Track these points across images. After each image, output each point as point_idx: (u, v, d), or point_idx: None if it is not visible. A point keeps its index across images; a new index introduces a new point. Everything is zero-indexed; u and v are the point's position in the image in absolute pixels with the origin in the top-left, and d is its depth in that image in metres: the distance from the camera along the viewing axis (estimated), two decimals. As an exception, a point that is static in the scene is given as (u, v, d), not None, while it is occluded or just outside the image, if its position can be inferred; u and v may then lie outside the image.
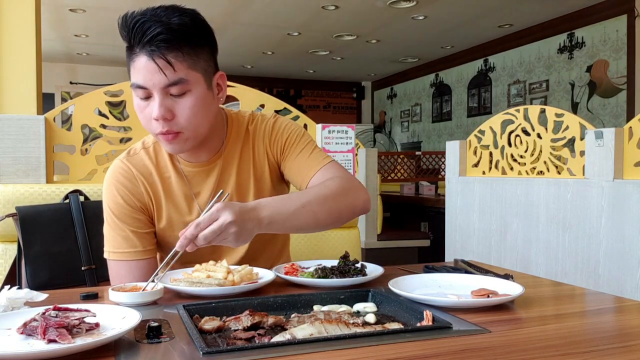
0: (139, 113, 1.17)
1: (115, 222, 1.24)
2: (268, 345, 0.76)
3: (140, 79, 1.12)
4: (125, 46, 1.15)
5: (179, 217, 1.27)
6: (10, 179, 1.78)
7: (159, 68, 1.09)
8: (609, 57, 5.08)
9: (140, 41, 1.09)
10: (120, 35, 1.13)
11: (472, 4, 5.13)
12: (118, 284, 1.20)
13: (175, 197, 1.27)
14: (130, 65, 1.14)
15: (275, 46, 6.92)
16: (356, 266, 1.18)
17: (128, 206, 1.24)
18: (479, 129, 2.63)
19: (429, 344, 0.77)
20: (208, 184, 1.28)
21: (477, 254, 2.58)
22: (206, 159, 1.28)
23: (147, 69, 1.10)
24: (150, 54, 1.09)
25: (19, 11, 2.29)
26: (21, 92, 2.30)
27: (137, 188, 1.25)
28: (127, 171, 1.26)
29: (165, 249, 1.30)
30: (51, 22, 5.70)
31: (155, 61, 1.09)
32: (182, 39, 1.11)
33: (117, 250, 1.23)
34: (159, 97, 1.12)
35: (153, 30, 1.08)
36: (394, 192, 5.12)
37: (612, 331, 0.88)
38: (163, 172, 1.28)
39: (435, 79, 7.87)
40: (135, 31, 1.09)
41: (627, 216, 1.86)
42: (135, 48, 1.11)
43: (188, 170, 1.28)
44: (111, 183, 1.26)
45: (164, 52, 1.09)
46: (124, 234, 1.23)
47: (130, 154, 1.30)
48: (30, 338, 0.77)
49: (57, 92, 7.74)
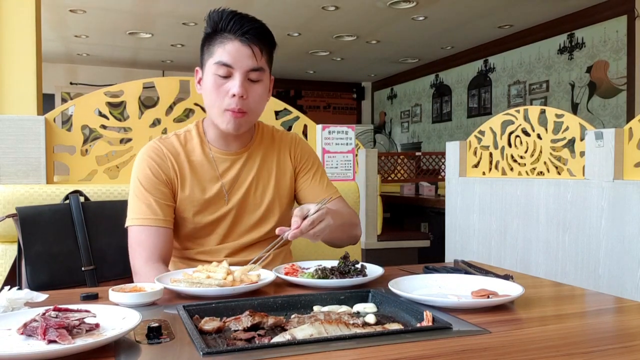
0: (214, 90, 1.32)
1: (142, 191, 1.36)
2: (268, 346, 0.76)
3: (230, 59, 1.29)
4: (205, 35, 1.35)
5: (200, 194, 1.40)
6: (11, 180, 1.78)
7: (252, 53, 1.30)
8: (609, 58, 5.08)
9: (238, 30, 1.29)
10: (208, 22, 1.33)
11: (472, 4, 5.13)
12: (137, 247, 1.33)
13: (200, 176, 1.41)
14: (217, 47, 1.31)
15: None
16: (356, 267, 1.18)
17: (155, 178, 1.37)
18: (479, 129, 2.63)
19: (429, 344, 0.77)
20: (232, 170, 1.42)
21: (477, 254, 2.58)
22: (235, 150, 1.43)
23: (239, 51, 1.29)
24: (246, 41, 1.29)
25: (19, 11, 2.29)
26: (21, 92, 2.30)
27: (165, 163, 1.39)
28: (158, 149, 1.40)
29: (182, 225, 1.41)
30: (51, 23, 5.70)
31: (250, 47, 1.29)
32: (269, 38, 1.35)
33: (140, 216, 1.34)
34: (241, 77, 1.30)
35: (251, 25, 1.30)
36: (394, 193, 5.12)
37: (612, 332, 0.88)
38: (190, 155, 1.42)
39: (435, 80, 7.87)
40: (234, 21, 1.29)
41: (627, 216, 1.86)
42: (229, 34, 1.30)
43: (217, 156, 1.42)
44: (143, 159, 1.40)
45: (257, 42, 1.31)
46: (147, 202, 1.34)
47: (163, 138, 1.45)
48: (30, 338, 0.77)
49: (57, 93, 7.75)
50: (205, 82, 1.36)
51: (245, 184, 1.43)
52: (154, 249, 1.31)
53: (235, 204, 1.41)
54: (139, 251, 1.31)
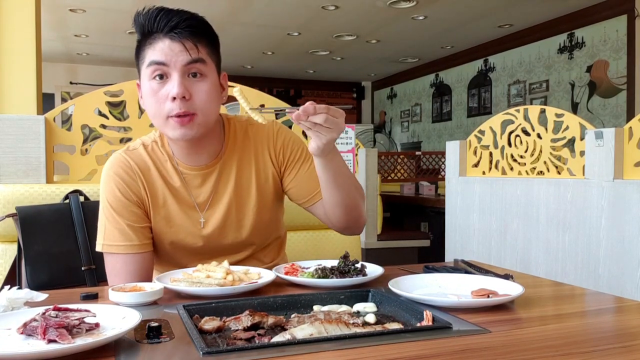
0: (151, 96, 1.18)
1: (112, 215, 1.24)
2: (268, 346, 0.76)
3: (161, 57, 1.15)
4: (136, 42, 1.21)
5: (176, 215, 1.27)
6: (10, 179, 1.78)
7: (184, 47, 1.15)
8: (609, 57, 5.08)
9: (164, 27, 1.15)
10: (135, 27, 1.18)
11: (472, 4, 5.13)
12: (113, 277, 1.23)
13: (173, 195, 1.27)
14: (147, 50, 1.17)
15: (275, 46, 6.92)
16: (356, 266, 1.18)
17: (125, 199, 1.24)
18: (479, 129, 2.63)
19: (429, 344, 0.77)
20: (206, 187, 1.29)
21: (477, 254, 2.58)
22: (205, 163, 1.28)
23: (170, 48, 1.15)
24: (176, 35, 1.15)
25: (19, 11, 2.29)
26: (21, 92, 2.30)
27: (135, 182, 1.25)
28: (126, 164, 1.26)
29: (159, 247, 1.30)
30: (51, 22, 5.69)
31: (181, 41, 1.15)
32: (204, 29, 1.20)
33: (113, 243, 1.23)
34: (179, 75, 1.15)
35: (179, 17, 1.15)
36: (394, 192, 5.11)
37: (612, 331, 0.88)
38: (162, 170, 1.28)
39: (435, 79, 7.87)
40: (160, 18, 1.15)
41: (627, 216, 1.86)
42: (157, 34, 1.16)
43: (187, 172, 1.28)
44: (109, 176, 1.26)
45: (190, 35, 1.16)
46: (120, 227, 1.23)
47: (130, 149, 1.30)
48: (30, 338, 0.77)
49: (57, 92, 7.75)
50: (143, 93, 1.21)
51: (222, 203, 1.28)
52: (132, 278, 1.21)
53: (214, 228, 1.28)
54: (117, 281, 1.22)
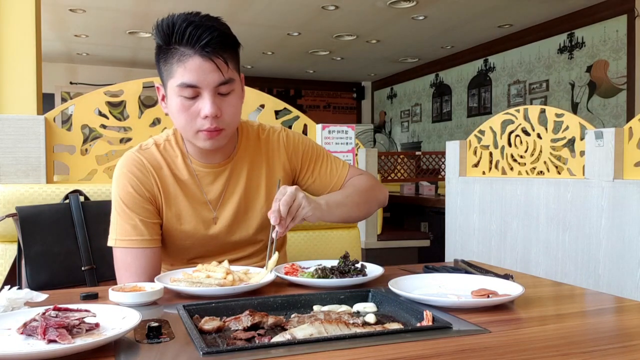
0: (181, 112, 1.20)
1: (124, 210, 1.26)
2: (268, 346, 0.76)
3: (194, 79, 1.16)
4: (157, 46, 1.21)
5: (187, 211, 1.31)
6: (10, 179, 1.78)
7: (217, 67, 1.16)
8: (609, 57, 5.08)
9: (196, 44, 1.14)
10: (159, 36, 1.18)
11: (472, 4, 5.13)
12: (124, 271, 1.25)
13: (184, 192, 1.31)
14: (175, 67, 1.17)
15: (275, 46, 6.92)
16: (356, 266, 1.18)
17: (138, 195, 1.27)
18: (479, 129, 2.63)
19: (429, 344, 0.77)
20: (217, 185, 1.33)
21: (477, 254, 2.58)
22: (218, 162, 1.33)
23: (202, 68, 1.15)
24: (207, 55, 1.15)
25: (19, 11, 2.29)
26: (21, 92, 2.29)
27: (148, 179, 1.29)
28: (139, 162, 1.29)
29: (169, 242, 1.33)
30: (51, 22, 5.69)
31: (213, 61, 1.15)
32: (231, 43, 1.20)
33: (125, 238, 1.25)
34: (211, 95, 1.18)
35: (210, 35, 1.14)
36: (394, 192, 5.11)
37: (612, 331, 0.88)
38: (173, 168, 1.31)
39: (435, 79, 7.87)
40: (190, 34, 1.14)
41: (627, 216, 1.86)
42: (187, 50, 1.15)
43: (199, 170, 1.32)
44: (123, 173, 1.29)
45: (220, 53, 1.16)
46: (132, 222, 1.26)
47: (142, 148, 1.33)
48: (30, 338, 0.77)
49: (57, 92, 7.75)
50: (170, 105, 1.22)
51: (232, 201, 1.33)
52: (142, 272, 1.24)
53: (224, 225, 1.33)
54: (127, 275, 1.24)
